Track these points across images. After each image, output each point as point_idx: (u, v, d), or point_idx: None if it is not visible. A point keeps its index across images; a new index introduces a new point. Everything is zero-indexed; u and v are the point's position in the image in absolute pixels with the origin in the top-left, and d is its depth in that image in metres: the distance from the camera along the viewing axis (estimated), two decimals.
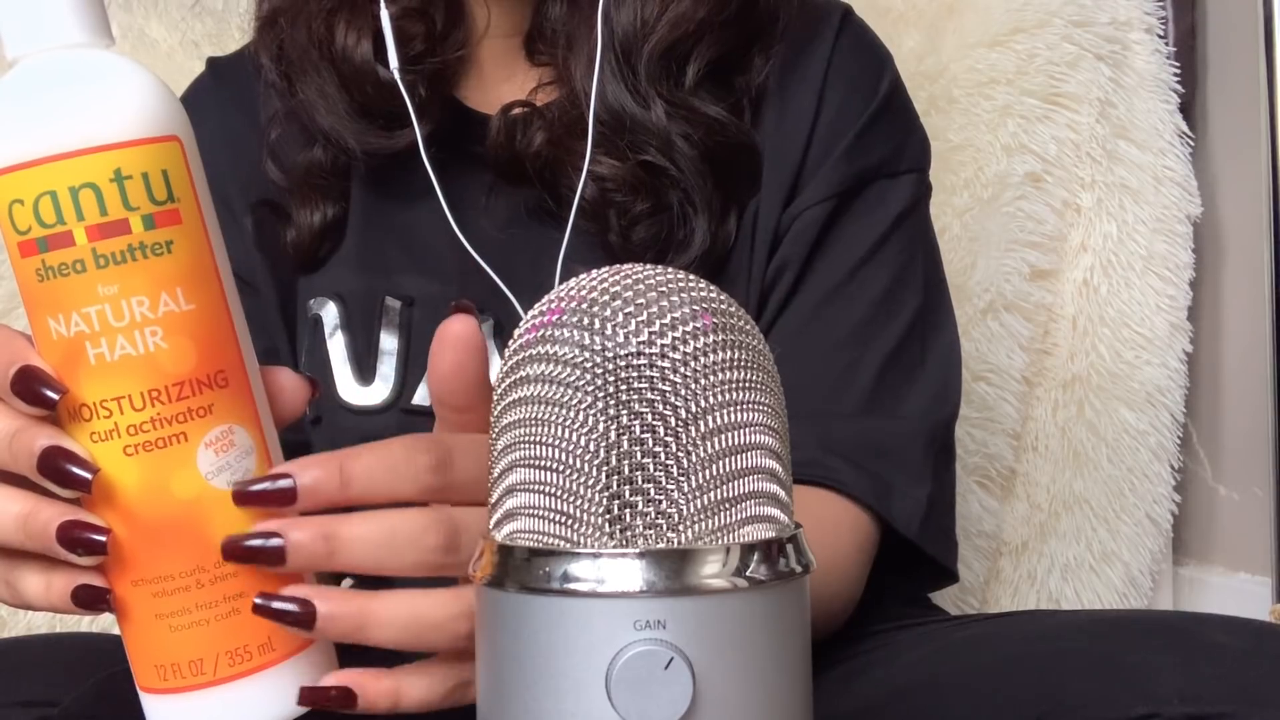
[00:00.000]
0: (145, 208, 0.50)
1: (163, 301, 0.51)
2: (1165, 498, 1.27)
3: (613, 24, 0.82)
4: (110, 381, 0.50)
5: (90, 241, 0.50)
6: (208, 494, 0.51)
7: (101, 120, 0.50)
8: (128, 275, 0.50)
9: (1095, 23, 1.25)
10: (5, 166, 0.50)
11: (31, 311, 0.51)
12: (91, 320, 0.50)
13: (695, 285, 0.46)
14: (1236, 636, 0.65)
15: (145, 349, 0.50)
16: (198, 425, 0.51)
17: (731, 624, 0.44)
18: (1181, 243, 1.26)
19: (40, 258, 0.50)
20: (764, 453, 0.46)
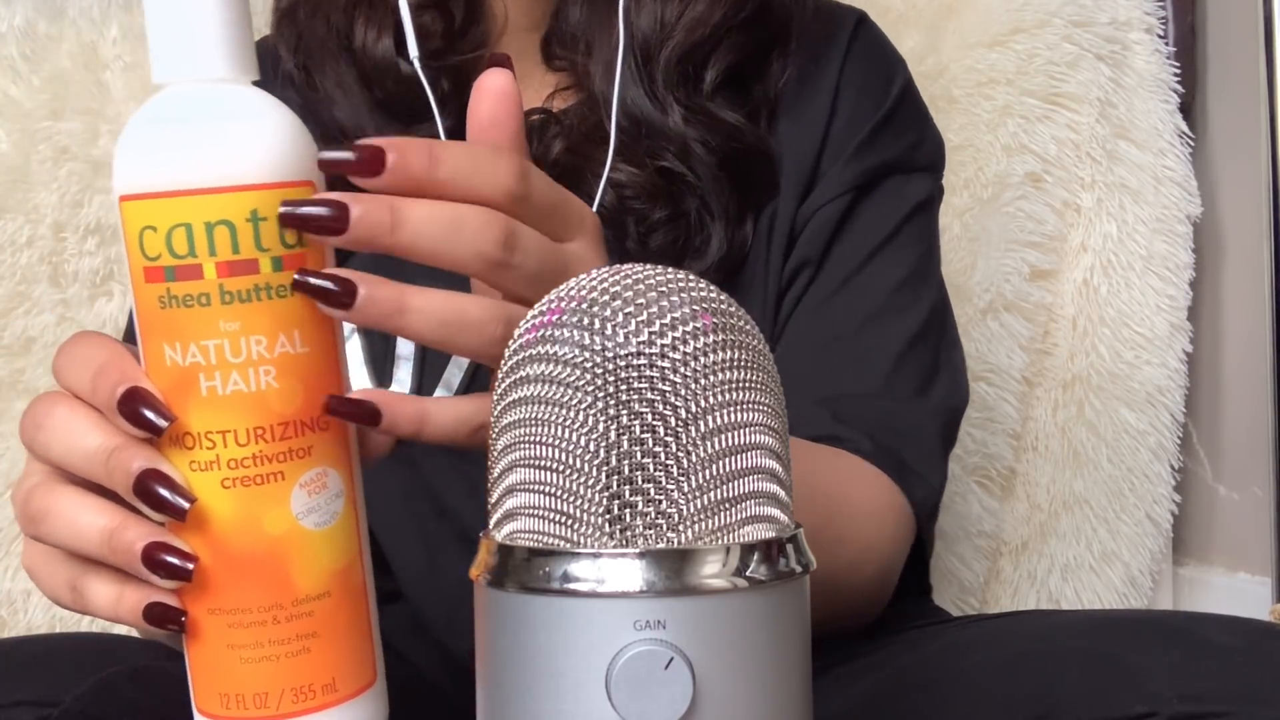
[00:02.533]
0: (275, 250, 0.51)
1: (280, 343, 0.51)
2: (1165, 498, 1.27)
3: (634, 28, 0.82)
4: (218, 415, 0.51)
5: (219, 277, 0.50)
6: (296, 533, 0.52)
7: (245, 160, 0.50)
8: (250, 314, 0.50)
9: (1095, 23, 1.25)
10: (143, 193, 0.50)
11: (147, 334, 0.51)
12: (209, 353, 0.50)
13: (695, 285, 0.46)
14: (1235, 636, 0.65)
15: (257, 387, 0.51)
16: (296, 465, 0.52)
17: (731, 624, 0.44)
18: (1181, 243, 1.26)
19: (166, 285, 0.50)
20: (764, 453, 0.46)
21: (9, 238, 1.12)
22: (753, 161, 0.84)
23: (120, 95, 1.14)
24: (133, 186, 0.51)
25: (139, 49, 1.16)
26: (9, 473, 1.12)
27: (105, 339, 0.54)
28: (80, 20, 1.16)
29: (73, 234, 1.13)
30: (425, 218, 0.50)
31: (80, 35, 1.15)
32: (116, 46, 1.15)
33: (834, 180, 0.86)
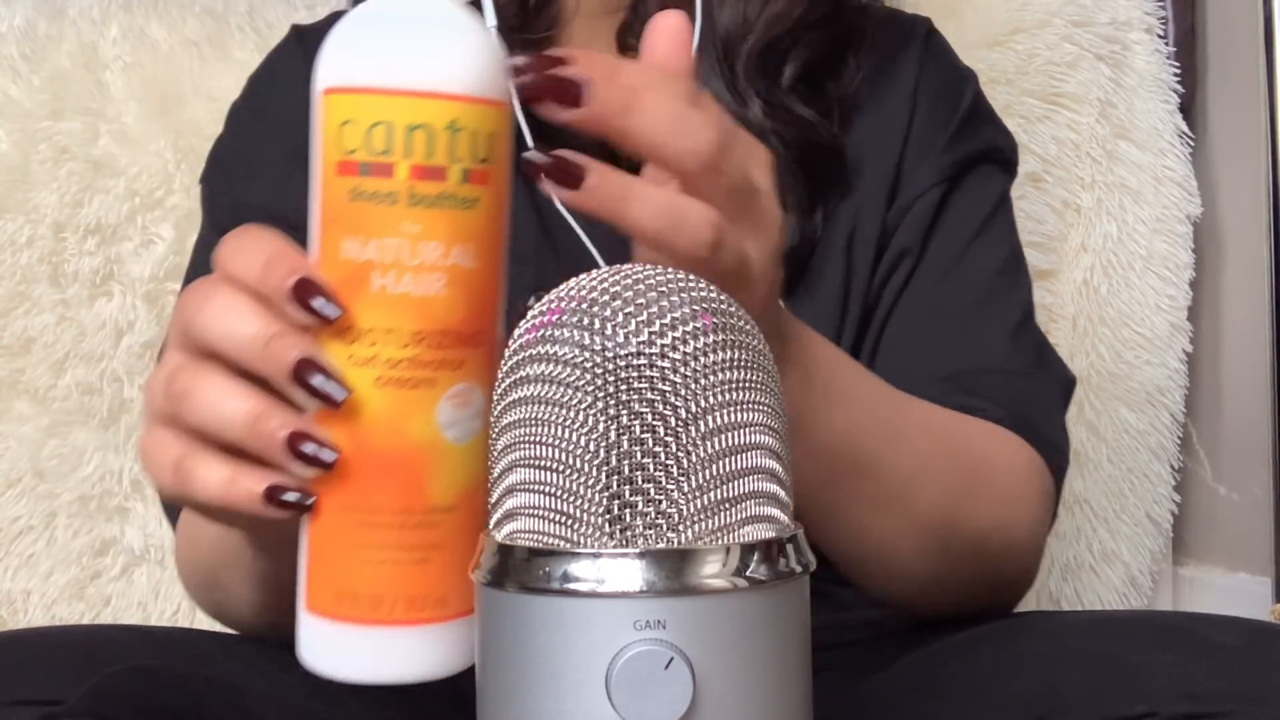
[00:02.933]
0: (465, 162, 0.52)
1: (454, 253, 0.52)
2: (1165, 498, 1.27)
3: (715, 22, 0.83)
4: (385, 313, 0.52)
5: (410, 179, 0.51)
6: (436, 443, 0.53)
7: (452, 70, 0.52)
8: (432, 220, 0.52)
9: (1095, 23, 1.25)
10: (349, 87, 0.52)
11: (328, 226, 0.53)
12: (387, 251, 0.52)
13: (695, 285, 0.46)
14: (1235, 636, 0.65)
15: (426, 292, 0.52)
16: (447, 376, 0.53)
17: (731, 624, 0.44)
18: (1181, 243, 1.26)
19: (357, 180, 0.52)
20: (764, 453, 0.46)
21: (9, 238, 1.12)
22: (825, 157, 0.86)
23: (120, 95, 1.14)
24: (340, 80, 0.52)
25: (139, 49, 1.16)
26: (9, 472, 1.12)
27: (274, 232, 0.54)
28: (80, 20, 1.16)
29: (73, 234, 1.13)
30: (656, 107, 0.52)
31: (80, 35, 1.15)
32: (116, 46, 1.15)
33: (926, 173, 0.88)
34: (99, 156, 1.14)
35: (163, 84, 1.15)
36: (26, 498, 1.12)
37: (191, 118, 1.14)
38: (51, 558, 1.12)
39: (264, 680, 0.72)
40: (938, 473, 0.73)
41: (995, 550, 0.77)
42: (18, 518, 1.12)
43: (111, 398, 1.12)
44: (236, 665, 0.72)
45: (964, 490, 0.74)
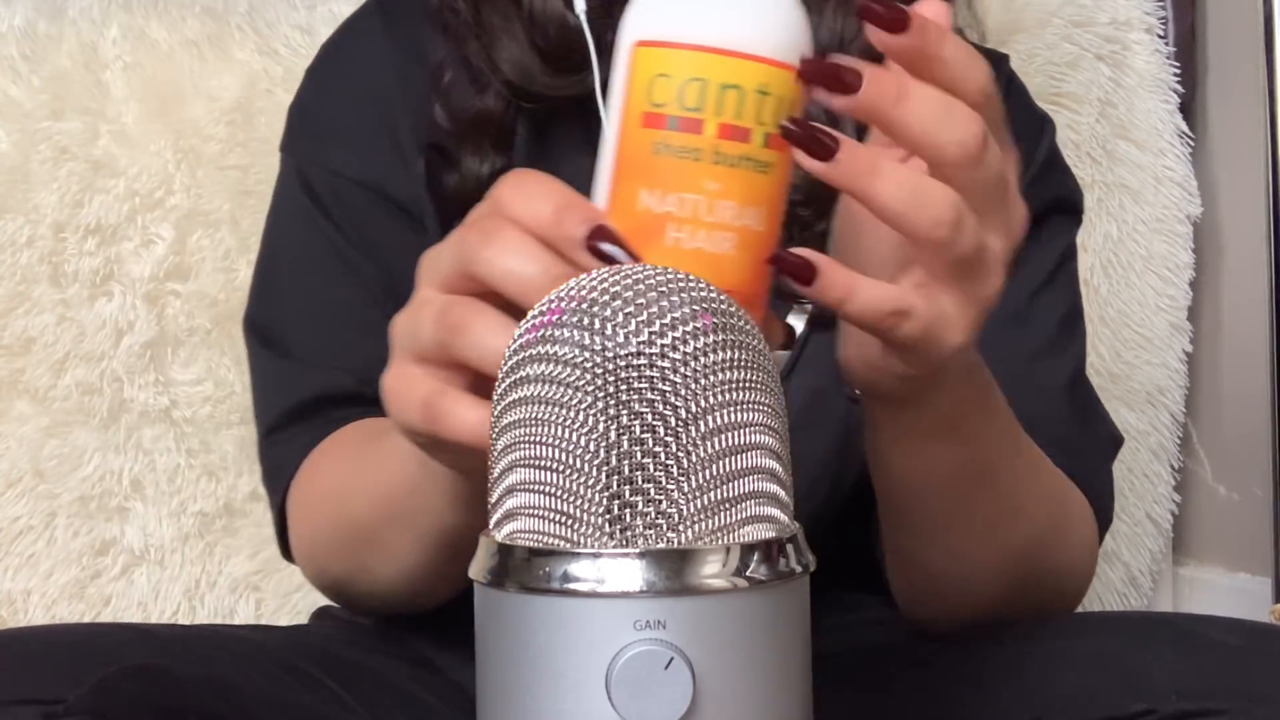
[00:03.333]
0: (767, 126, 0.53)
1: (746, 214, 0.53)
2: (1165, 498, 1.27)
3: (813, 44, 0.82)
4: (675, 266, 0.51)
5: (717, 137, 0.52)
6: None
7: (770, 34, 0.53)
8: (732, 179, 0.53)
9: (1095, 23, 1.25)
10: (666, 41, 0.53)
11: (625, 176, 0.54)
12: (685, 206, 0.53)
13: (695, 285, 0.46)
14: (1234, 635, 0.65)
15: (716, 250, 0.53)
16: None
17: (731, 624, 0.44)
18: (1181, 243, 1.26)
19: (664, 134, 0.53)
20: (764, 453, 0.46)
21: (9, 238, 1.12)
22: None
23: (120, 95, 1.14)
24: (655, 34, 0.53)
25: (139, 49, 1.16)
26: (9, 472, 1.12)
27: (557, 181, 0.55)
28: (80, 20, 1.16)
29: (73, 234, 1.12)
30: (926, 97, 0.52)
31: (80, 35, 1.15)
32: (116, 46, 1.15)
33: None
34: (99, 156, 1.13)
35: (163, 84, 1.15)
36: (26, 498, 1.12)
37: (191, 118, 1.14)
38: (51, 558, 1.12)
39: (264, 680, 0.72)
40: (1039, 505, 0.73)
41: (1059, 590, 0.78)
42: (18, 518, 1.12)
43: (111, 398, 1.12)
44: (236, 664, 0.72)
45: (1054, 527, 0.75)
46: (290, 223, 0.90)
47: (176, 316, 1.13)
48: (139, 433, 1.13)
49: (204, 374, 1.13)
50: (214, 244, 1.13)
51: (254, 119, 1.14)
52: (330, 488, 0.79)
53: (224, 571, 1.13)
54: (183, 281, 1.13)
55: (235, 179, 1.14)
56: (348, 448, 0.80)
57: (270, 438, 0.86)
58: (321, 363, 0.85)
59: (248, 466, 1.13)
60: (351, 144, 0.89)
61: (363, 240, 0.87)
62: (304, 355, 0.86)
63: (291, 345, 0.87)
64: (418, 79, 0.87)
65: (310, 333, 0.87)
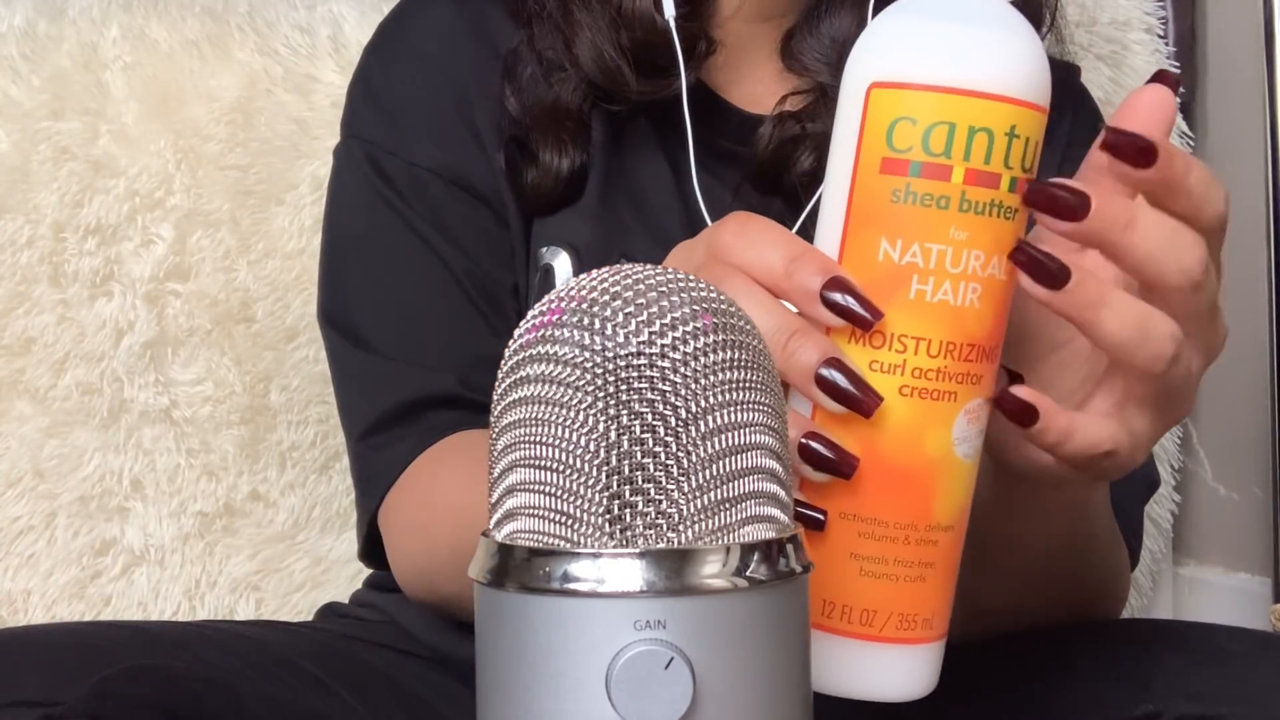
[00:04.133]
0: (1015, 170, 0.51)
1: (991, 264, 0.51)
2: (1165, 498, 1.27)
3: None
4: (919, 320, 0.50)
5: (965, 184, 0.50)
6: (948, 458, 0.51)
7: (1017, 72, 0.50)
8: (979, 228, 0.50)
9: (1095, 23, 1.25)
10: (909, 83, 0.50)
11: (861, 226, 0.51)
12: (931, 257, 0.50)
13: (695, 285, 0.46)
14: (1238, 642, 0.66)
15: (961, 302, 0.50)
16: (967, 390, 0.51)
17: (731, 624, 0.44)
18: None
19: (907, 181, 0.50)
20: (764, 453, 0.46)
21: (9, 238, 1.12)
22: None
23: (120, 95, 1.14)
24: (896, 75, 0.50)
25: (139, 49, 1.16)
26: (9, 472, 1.12)
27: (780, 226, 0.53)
28: (80, 20, 1.16)
29: (73, 234, 1.12)
30: (1154, 224, 0.51)
31: (80, 35, 1.15)
32: (116, 46, 1.15)
33: None
34: (99, 156, 1.13)
35: (163, 84, 1.15)
36: (26, 498, 1.12)
37: (191, 118, 1.14)
38: (51, 558, 1.12)
39: (264, 679, 0.72)
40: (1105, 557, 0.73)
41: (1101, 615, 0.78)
42: (18, 518, 1.12)
43: (111, 398, 1.12)
44: (236, 664, 0.72)
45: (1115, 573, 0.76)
46: (364, 211, 0.87)
47: (176, 316, 1.13)
48: (139, 433, 1.13)
49: (204, 374, 1.13)
50: (214, 244, 1.13)
51: (254, 119, 1.14)
52: (454, 502, 0.76)
53: (224, 571, 1.13)
54: (183, 281, 1.13)
55: (235, 179, 1.14)
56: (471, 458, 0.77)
57: (367, 440, 0.83)
58: (419, 362, 0.82)
59: (248, 466, 1.13)
60: (428, 130, 0.86)
61: (448, 233, 0.84)
62: (399, 354, 0.83)
63: (381, 342, 0.84)
64: (486, 58, 0.85)
65: (402, 330, 0.84)
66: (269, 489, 1.14)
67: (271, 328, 1.13)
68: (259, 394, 1.13)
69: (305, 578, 1.14)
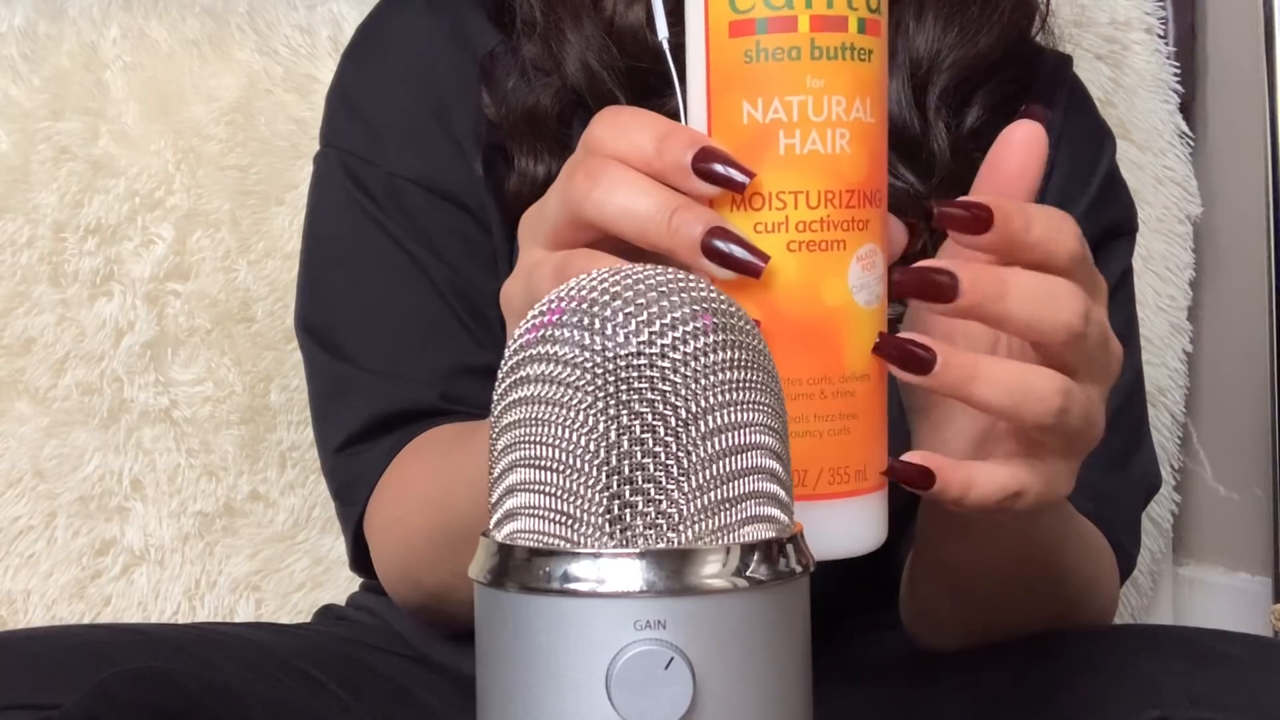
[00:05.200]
0: (861, 11, 0.51)
1: (855, 107, 0.51)
2: (1165, 498, 1.27)
3: (909, 44, 0.80)
4: (792, 174, 0.50)
5: (811, 31, 0.50)
6: (849, 307, 0.51)
7: None
8: (835, 73, 0.50)
9: (1095, 23, 1.25)
10: None
11: (721, 93, 0.51)
12: (792, 110, 0.50)
13: (695, 285, 0.46)
14: (1239, 647, 0.66)
15: (832, 149, 0.51)
16: (855, 237, 0.51)
17: (731, 624, 0.44)
18: (1181, 243, 1.26)
19: (755, 39, 0.50)
20: (764, 453, 0.46)
21: (9, 238, 1.12)
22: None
23: (120, 95, 1.14)
24: None
25: (139, 49, 1.16)
26: (9, 472, 1.12)
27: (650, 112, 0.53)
28: (80, 20, 1.16)
29: (73, 234, 1.12)
30: (1027, 286, 0.51)
31: (80, 35, 1.15)
32: (116, 46, 1.15)
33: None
34: (99, 156, 1.13)
35: (163, 84, 1.15)
36: (26, 498, 1.12)
37: (191, 118, 1.14)
38: (51, 558, 1.12)
39: (263, 683, 0.72)
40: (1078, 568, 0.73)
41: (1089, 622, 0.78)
42: (18, 518, 1.12)
43: (111, 398, 1.12)
44: (235, 666, 0.72)
45: (1089, 585, 0.75)
46: (342, 222, 0.86)
47: (176, 316, 1.13)
48: (139, 433, 1.13)
49: (204, 374, 1.13)
50: (214, 244, 1.13)
51: (254, 119, 1.14)
52: (425, 489, 0.76)
53: (224, 571, 1.13)
54: (183, 281, 1.13)
55: (235, 179, 1.14)
56: (440, 446, 0.77)
57: (346, 451, 0.83)
58: (398, 374, 0.81)
59: (248, 466, 1.13)
60: (407, 141, 0.85)
61: (429, 242, 0.83)
62: (378, 365, 0.82)
63: (360, 353, 0.83)
64: (464, 63, 0.84)
65: (381, 341, 0.83)
66: (269, 489, 1.14)
67: (271, 328, 1.13)
68: (259, 394, 1.13)
69: (305, 578, 1.14)
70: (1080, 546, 0.72)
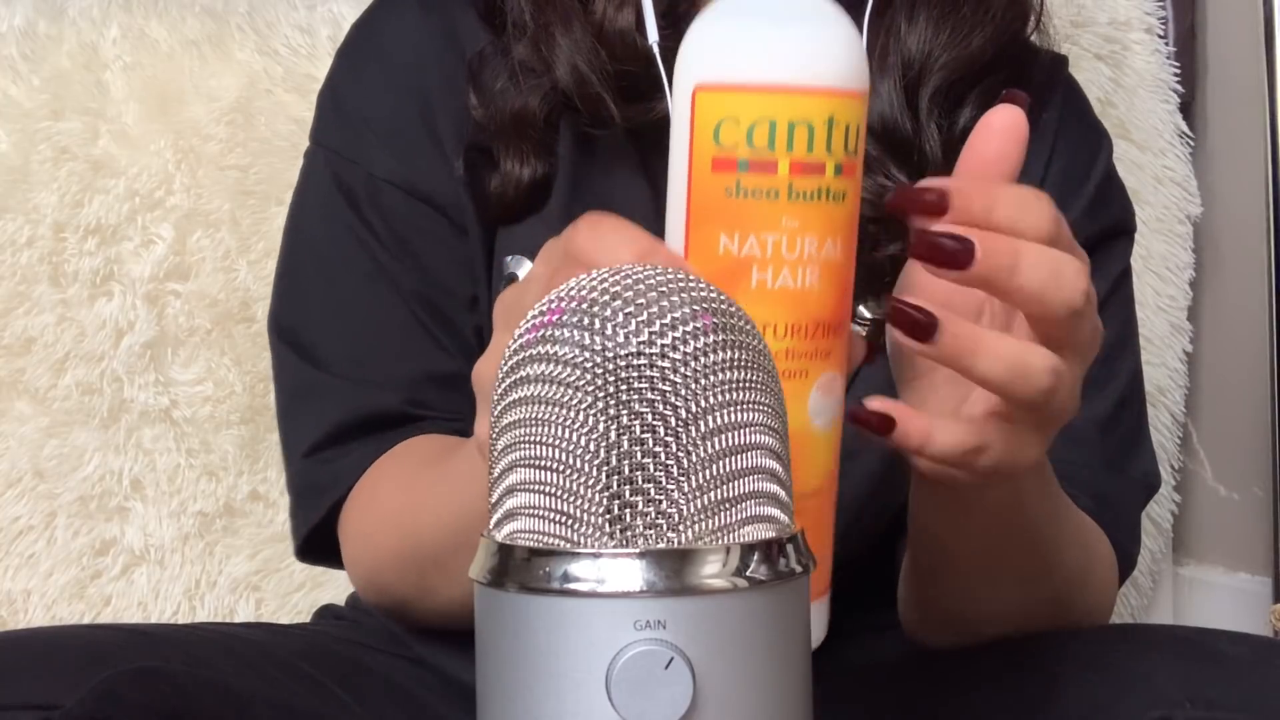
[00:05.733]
0: (838, 156, 0.53)
1: (826, 246, 0.53)
2: (1165, 498, 1.27)
3: (901, 46, 0.80)
4: (763, 306, 0.52)
5: (790, 175, 0.52)
6: (806, 431, 0.54)
7: (832, 63, 0.52)
8: (810, 214, 0.52)
9: (1095, 23, 1.25)
10: (728, 84, 0.52)
11: (701, 223, 0.53)
12: (767, 246, 0.52)
13: (695, 285, 0.46)
14: (1240, 647, 0.66)
15: (801, 285, 0.53)
16: (817, 366, 0.54)
17: (731, 624, 0.44)
18: (1181, 243, 1.26)
19: (738, 176, 0.52)
20: (764, 453, 0.46)
21: (9, 238, 1.12)
22: None
23: (120, 95, 1.14)
24: (715, 77, 0.52)
25: (139, 49, 1.16)
26: (9, 472, 1.12)
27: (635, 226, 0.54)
28: (80, 20, 1.16)
29: (73, 234, 1.12)
30: (1037, 264, 0.52)
31: (80, 35, 1.15)
32: (116, 46, 1.15)
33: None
34: (99, 156, 1.13)
35: (163, 84, 1.15)
36: (26, 498, 1.12)
37: (191, 118, 1.14)
38: (51, 558, 1.12)
39: (263, 682, 0.72)
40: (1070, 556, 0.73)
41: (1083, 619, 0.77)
42: (18, 518, 1.12)
43: (111, 398, 1.12)
44: (235, 666, 0.72)
45: (1081, 576, 0.75)
46: (322, 222, 0.86)
47: (176, 316, 1.13)
48: (139, 433, 1.13)
49: (204, 374, 1.13)
50: (214, 244, 1.13)
51: (254, 119, 1.14)
52: (393, 512, 0.77)
53: (224, 571, 1.13)
54: (183, 281, 1.13)
55: (235, 179, 1.14)
56: (410, 468, 0.78)
57: (313, 456, 0.83)
58: (364, 380, 0.82)
59: (248, 466, 1.13)
60: (390, 141, 0.85)
61: (402, 249, 0.83)
62: (344, 370, 0.83)
63: (328, 357, 0.83)
64: (454, 65, 0.84)
65: (349, 346, 0.83)
66: (269, 489, 1.14)
67: None
68: (259, 394, 1.13)
69: (305, 578, 1.14)
70: (1071, 534, 0.72)
